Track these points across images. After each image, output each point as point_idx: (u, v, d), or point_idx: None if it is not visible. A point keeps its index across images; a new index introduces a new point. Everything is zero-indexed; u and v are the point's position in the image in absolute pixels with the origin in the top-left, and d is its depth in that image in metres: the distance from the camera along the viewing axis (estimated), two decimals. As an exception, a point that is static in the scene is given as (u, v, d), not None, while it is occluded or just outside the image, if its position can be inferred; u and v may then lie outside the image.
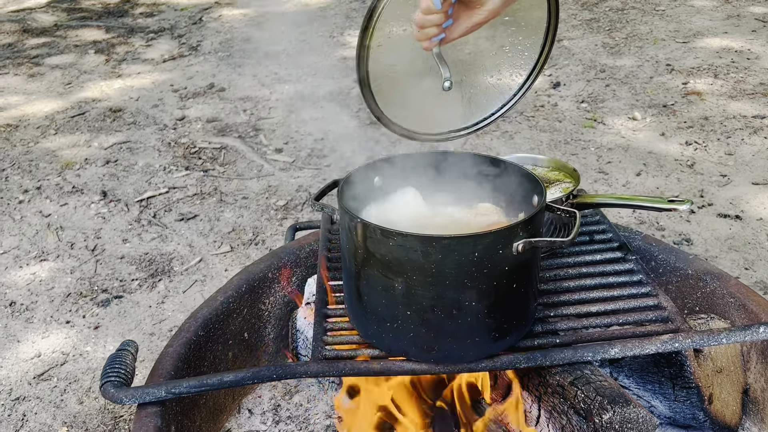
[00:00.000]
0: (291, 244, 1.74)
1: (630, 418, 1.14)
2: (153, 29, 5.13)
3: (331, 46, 4.64)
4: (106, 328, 2.24)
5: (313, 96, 3.89)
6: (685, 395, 1.32)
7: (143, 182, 3.07)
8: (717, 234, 2.55)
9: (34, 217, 2.84)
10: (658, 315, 1.29)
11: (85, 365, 2.10)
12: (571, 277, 1.42)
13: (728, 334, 1.21)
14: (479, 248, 1.09)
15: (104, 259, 2.58)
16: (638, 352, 1.20)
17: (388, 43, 1.20)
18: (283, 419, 1.58)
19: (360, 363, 1.22)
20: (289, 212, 2.82)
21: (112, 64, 4.47)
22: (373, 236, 1.12)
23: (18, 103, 3.91)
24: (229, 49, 4.65)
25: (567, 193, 1.47)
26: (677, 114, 3.47)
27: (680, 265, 1.56)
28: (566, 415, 1.20)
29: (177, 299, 2.36)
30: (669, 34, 4.49)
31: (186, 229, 2.75)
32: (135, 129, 3.58)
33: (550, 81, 3.93)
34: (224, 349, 1.53)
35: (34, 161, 3.27)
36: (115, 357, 1.28)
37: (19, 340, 2.20)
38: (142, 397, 1.21)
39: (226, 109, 3.76)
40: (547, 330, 1.28)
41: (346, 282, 1.27)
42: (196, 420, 1.41)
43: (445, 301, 1.13)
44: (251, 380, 1.22)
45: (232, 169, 3.17)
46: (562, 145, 3.24)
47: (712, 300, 1.49)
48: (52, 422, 1.91)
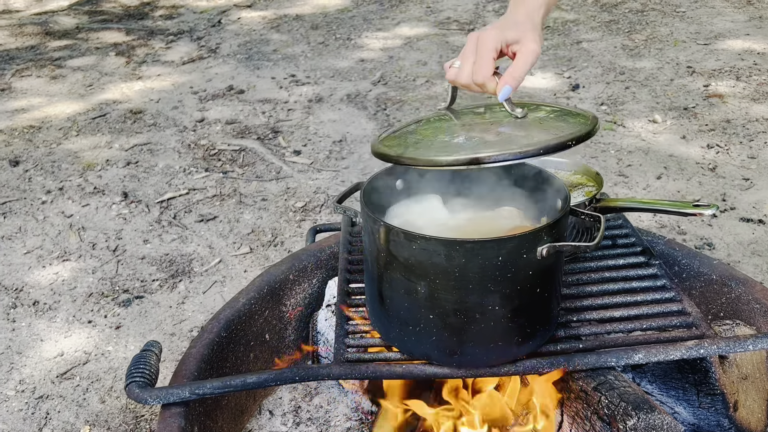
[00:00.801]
0: (311, 246, 1.74)
1: (655, 424, 1.13)
2: (172, 31, 5.17)
3: (349, 48, 4.65)
4: (128, 328, 2.26)
5: (331, 98, 3.90)
6: (710, 402, 1.30)
7: (163, 183, 3.10)
8: (740, 238, 2.52)
9: (57, 217, 2.88)
10: (682, 320, 1.28)
11: (106, 365, 2.12)
12: (594, 281, 1.42)
13: (755, 340, 1.20)
14: (503, 252, 1.09)
15: (125, 259, 2.60)
16: (663, 358, 1.19)
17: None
18: (304, 421, 1.59)
19: (382, 366, 1.22)
20: (307, 214, 2.83)
21: (133, 66, 4.52)
22: (396, 239, 1.12)
23: (40, 105, 3.96)
24: (248, 51, 4.68)
25: (590, 197, 1.46)
26: (698, 117, 3.44)
27: (704, 270, 1.55)
28: (589, 421, 1.20)
29: (197, 300, 2.38)
30: (690, 36, 4.45)
31: (206, 230, 2.77)
32: (155, 131, 3.61)
33: (569, 83, 3.91)
34: (246, 351, 1.54)
35: (56, 162, 3.31)
36: (140, 357, 1.29)
37: (42, 339, 2.23)
38: (166, 398, 1.22)
39: (245, 111, 3.78)
40: (569, 335, 1.27)
41: (368, 285, 1.27)
42: (219, 421, 1.42)
43: (468, 305, 1.12)
44: (274, 382, 1.23)
45: (251, 170, 3.19)
46: (582, 147, 3.22)
47: (737, 306, 1.48)
48: (74, 421, 1.93)
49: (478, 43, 1.15)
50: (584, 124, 1.14)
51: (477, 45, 1.15)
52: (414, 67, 4.27)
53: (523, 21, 1.18)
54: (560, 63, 4.21)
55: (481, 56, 1.14)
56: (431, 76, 4.11)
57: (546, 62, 4.22)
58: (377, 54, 4.52)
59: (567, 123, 1.16)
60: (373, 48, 4.63)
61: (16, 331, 2.27)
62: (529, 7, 1.20)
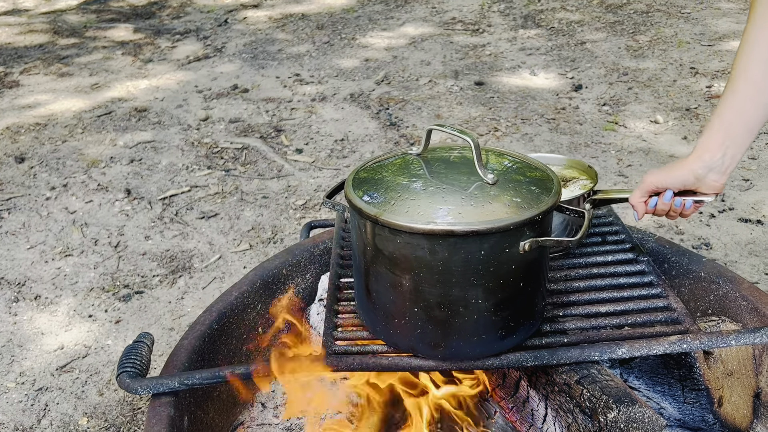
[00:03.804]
0: (305, 241, 1.76)
1: (635, 417, 1.14)
2: (179, 30, 5.21)
3: (353, 48, 4.68)
4: (127, 323, 2.29)
5: (335, 97, 3.93)
6: (695, 397, 1.31)
7: (166, 181, 3.13)
8: (737, 239, 2.52)
9: (60, 213, 2.92)
10: (667, 316, 1.29)
11: (105, 358, 2.15)
12: (582, 277, 1.43)
13: (737, 336, 1.21)
14: (486, 246, 1.10)
15: (127, 255, 2.63)
16: (646, 352, 1.20)
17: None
18: (295, 413, 1.61)
19: (368, 358, 1.24)
20: (307, 212, 2.86)
21: (139, 65, 4.56)
22: (381, 233, 1.14)
23: (47, 102, 4.01)
24: (254, 50, 4.71)
25: (587, 191, 1.46)
26: (700, 117, 3.43)
27: (693, 268, 1.55)
28: (572, 414, 1.21)
29: (196, 295, 2.41)
30: (694, 37, 4.45)
31: (207, 227, 2.79)
32: (159, 129, 3.64)
33: (572, 84, 3.91)
34: (238, 343, 1.56)
35: (61, 159, 3.35)
36: (131, 348, 1.32)
37: (43, 333, 2.26)
38: (156, 388, 1.25)
39: (249, 110, 3.81)
40: (555, 329, 1.28)
41: (356, 279, 1.29)
42: (210, 412, 1.44)
43: (451, 298, 1.14)
44: (262, 373, 1.25)
45: (253, 168, 3.22)
46: (582, 147, 3.23)
47: (724, 303, 1.48)
48: (73, 412, 1.96)
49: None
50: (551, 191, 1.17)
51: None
52: (418, 67, 4.29)
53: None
54: (564, 63, 4.21)
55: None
56: (434, 76, 4.12)
57: (549, 62, 4.23)
58: (381, 54, 4.54)
59: (534, 192, 1.17)
60: (377, 48, 4.65)
61: (18, 324, 2.30)
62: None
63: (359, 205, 1.15)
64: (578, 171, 1.59)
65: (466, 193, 1.14)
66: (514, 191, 1.15)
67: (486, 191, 1.15)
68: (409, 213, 1.11)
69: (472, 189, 1.15)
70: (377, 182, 1.21)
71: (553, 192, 1.17)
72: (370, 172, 1.25)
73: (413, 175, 1.22)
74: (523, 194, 1.15)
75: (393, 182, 1.20)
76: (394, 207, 1.13)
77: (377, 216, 1.12)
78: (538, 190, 1.17)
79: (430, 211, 1.11)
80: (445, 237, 1.09)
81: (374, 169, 1.26)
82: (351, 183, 1.22)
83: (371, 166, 1.28)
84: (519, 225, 1.10)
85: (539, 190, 1.17)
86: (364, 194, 1.18)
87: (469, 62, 4.28)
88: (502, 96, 3.83)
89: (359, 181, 1.23)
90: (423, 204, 1.13)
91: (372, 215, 1.12)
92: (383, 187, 1.19)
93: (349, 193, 1.20)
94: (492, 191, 1.15)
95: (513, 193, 1.15)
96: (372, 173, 1.25)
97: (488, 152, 1.30)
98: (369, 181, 1.22)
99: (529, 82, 4.00)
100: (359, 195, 1.18)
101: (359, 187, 1.20)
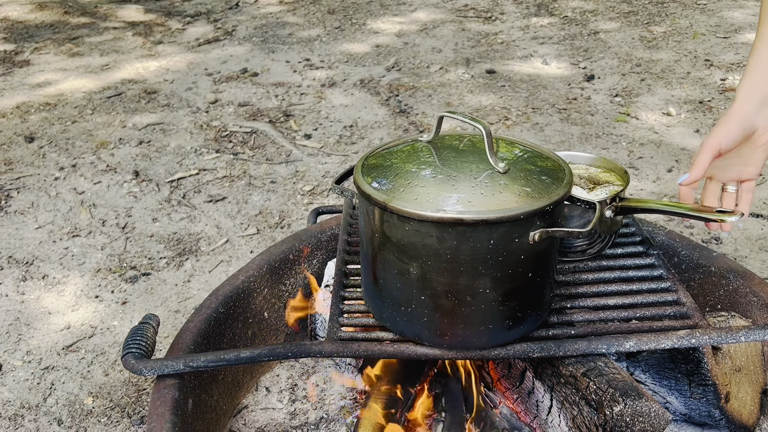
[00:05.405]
0: (313, 227, 1.76)
1: (642, 411, 1.13)
2: (190, 13, 5.19)
3: (364, 33, 4.65)
4: (133, 304, 2.29)
5: (345, 83, 3.91)
6: (702, 392, 1.30)
7: (174, 163, 3.13)
8: (748, 234, 2.50)
9: (69, 194, 2.92)
10: (676, 310, 1.28)
11: (111, 339, 2.16)
12: (591, 269, 1.42)
13: (747, 332, 1.19)
14: (495, 236, 1.09)
15: (134, 237, 2.64)
16: (653, 346, 1.19)
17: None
18: (299, 398, 1.61)
19: (373, 345, 1.23)
20: (315, 197, 2.85)
21: (149, 46, 4.55)
22: (389, 220, 1.13)
23: (57, 82, 4.01)
24: (264, 34, 4.69)
25: (613, 195, 1.40)
26: (713, 110, 3.40)
27: (703, 262, 1.54)
28: (578, 406, 1.20)
29: (203, 278, 2.41)
30: (709, 29, 4.39)
31: (214, 210, 2.79)
32: (169, 111, 3.64)
33: (584, 74, 3.88)
34: (244, 327, 1.56)
35: (70, 140, 3.35)
36: (137, 330, 1.32)
37: (50, 312, 2.27)
38: (161, 369, 1.25)
39: (258, 94, 3.80)
40: (562, 321, 1.27)
41: (364, 265, 1.28)
42: (214, 395, 1.44)
43: (459, 287, 1.13)
44: (267, 357, 1.25)
45: (262, 153, 3.21)
46: (593, 138, 3.21)
47: (734, 298, 1.47)
48: (78, 392, 1.97)
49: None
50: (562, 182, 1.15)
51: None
52: (429, 53, 4.26)
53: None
54: (576, 53, 4.17)
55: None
56: (445, 63, 4.09)
57: (562, 52, 4.19)
58: (392, 40, 4.51)
59: (545, 182, 1.15)
60: (388, 33, 4.62)
61: (25, 303, 2.31)
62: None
63: (368, 191, 1.14)
64: (615, 175, 1.49)
65: (477, 182, 1.13)
66: (524, 180, 1.14)
67: (496, 180, 1.13)
68: (419, 200, 1.10)
69: (483, 177, 1.14)
70: (386, 169, 1.20)
71: (565, 182, 1.16)
72: (380, 158, 1.24)
73: (423, 162, 1.21)
74: (533, 184, 1.14)
75: (402, 169, 1.19)
76: (403, 194, 1.12)
77: (386, 202, 1.11)
78: (549, 180, 1.16)
79: (440, 198, 1.10)
80: (454, 225, 1.08)
81: (384, 155, 1.25)
82: (360, 169, 1.21)
83: (381, 152, 1.27)
84: (529, 215, 1.09)
85: (550, 180, 1.15)
86: (373, 180, 1.17)
87: (480, 50, 4.25)
88: (514, 85, 3.80)
89: (368, 167, 1.21)
90: (432, 191, 1.12)
91: (381, 202, 1.12)
92: (392, 174, 1.18)
93: (358, 179, 1.19)
94: (502, 180, 1.13)
95: (524, 183, 1.13)
96: (381, 159, 1.24)
97: (499, 141, 1.28)
98: (378, 168, 1.21)
99: (541, 71, 3.97)
100: (368, 181, 1.17)
101: (368, 174, 1.19)
